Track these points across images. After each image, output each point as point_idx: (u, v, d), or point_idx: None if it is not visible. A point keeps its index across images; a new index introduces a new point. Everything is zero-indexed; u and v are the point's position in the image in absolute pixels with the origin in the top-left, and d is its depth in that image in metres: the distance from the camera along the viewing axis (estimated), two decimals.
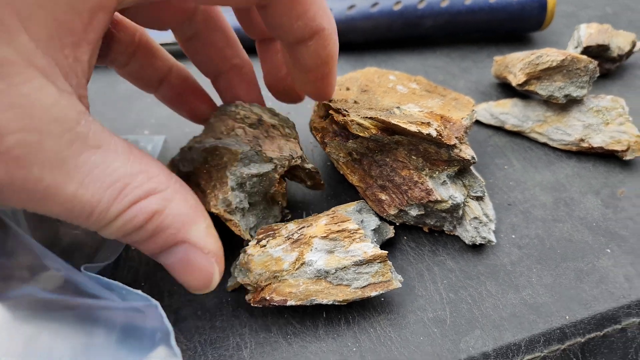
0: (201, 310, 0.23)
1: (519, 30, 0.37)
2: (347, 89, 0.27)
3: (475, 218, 0.23)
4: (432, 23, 0.36)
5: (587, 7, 0.43)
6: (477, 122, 0.31)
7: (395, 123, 0.22)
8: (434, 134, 0.22)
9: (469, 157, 0.23)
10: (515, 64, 0.29)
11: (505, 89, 0.34)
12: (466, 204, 0.24)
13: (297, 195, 0.28)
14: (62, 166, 0.14)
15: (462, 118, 0.24)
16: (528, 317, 0.21)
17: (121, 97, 0.36)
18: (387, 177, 0.24)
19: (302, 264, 0.21)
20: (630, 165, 0.28)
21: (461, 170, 0.24)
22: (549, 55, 0.28)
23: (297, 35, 0.19)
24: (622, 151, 0.27)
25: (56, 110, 0.14)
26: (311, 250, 0.21)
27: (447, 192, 0.23)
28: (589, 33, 0.33)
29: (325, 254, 0.21)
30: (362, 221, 0.23)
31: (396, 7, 0.36)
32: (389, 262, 0.21)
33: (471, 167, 0.25)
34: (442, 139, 0.22)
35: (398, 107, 0.24)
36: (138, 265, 0.25)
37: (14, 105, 0.13)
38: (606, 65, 0.34)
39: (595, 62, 0.28)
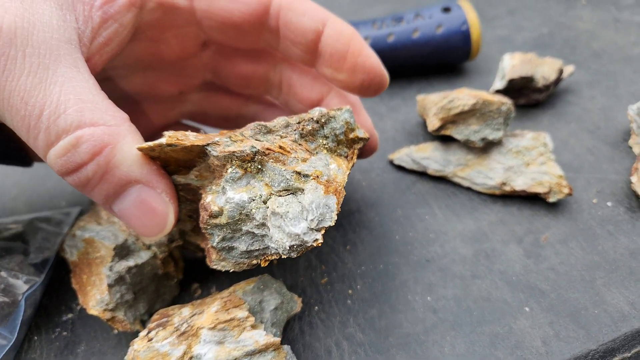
0: None
1: (447, 62, 0.36)
2: None
3: (275, 213, 0.18)
4: None
5: (523, 30, 0.42)
6: (401, 168, 0.30)
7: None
8: (167, 141, 0.17)
9: (243, 148, 0.18)
10: (431, 108, 0.28)
11: None
12: (266, 202, 0.19)
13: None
14: (37, 58, 0.16)
15: None
16: None
17: (39, 167, 0.35)
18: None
19: (190, 358, 0.20)
20: (555, 207, 0.27)
21: (260, 169, 0.19)
22: (460, 99, 0.27)
23: (313, 28, 0.20)
24: (545, 193, 0.26)
25: (56, 15, 0.17)
26: (199, 342, 0.20)
27: (224, 197, 0.18)
28: (511, 65, 0.32)
29: (215, 345, 0.20)
30: (260, 302, 0.22)
31: None
32: (285, 349, 0.20)
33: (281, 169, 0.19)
34: (183, 142, 0.17)
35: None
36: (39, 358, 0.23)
37: None
38: (534, 96, 0.33)
39: (509, 103, 0.27)
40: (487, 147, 0.28)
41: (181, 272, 0.25)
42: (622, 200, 0.27)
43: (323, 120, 0.21)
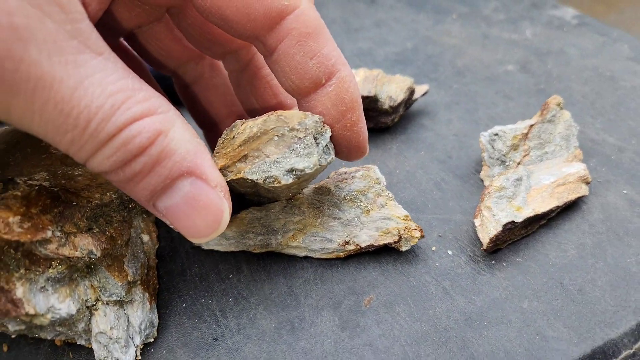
0: None
1: None
2: None
3: (102, 333, 0.18)
4: None
5: (387, 44, 0.38)
6: (215, 253, 0.23)
7: None
8: None
9: (78, 255, 0.17)
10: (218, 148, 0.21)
11: None
12: (94, 311, 0.18)
13: None
14: (61, 57, 0.13)
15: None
16: None
17: None
18: None
19: None
20: (386, 258, 0.22)
21: (91, 271, 0.18)
22: (246, 122, 0.20)
23: (313, 76, 0.17)
24: (396, 242, 0.21)
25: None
26: None
27: (47, 301, 0.17)
28: None
29: None
30: None
31: None
32: None
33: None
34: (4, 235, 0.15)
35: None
36: None
37: None
38: (382, 119, 0.28)
39: (315, 117, 0.19)
40: (315, 199, 0.22)
41: None
42: (465, 247, 0.22)
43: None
